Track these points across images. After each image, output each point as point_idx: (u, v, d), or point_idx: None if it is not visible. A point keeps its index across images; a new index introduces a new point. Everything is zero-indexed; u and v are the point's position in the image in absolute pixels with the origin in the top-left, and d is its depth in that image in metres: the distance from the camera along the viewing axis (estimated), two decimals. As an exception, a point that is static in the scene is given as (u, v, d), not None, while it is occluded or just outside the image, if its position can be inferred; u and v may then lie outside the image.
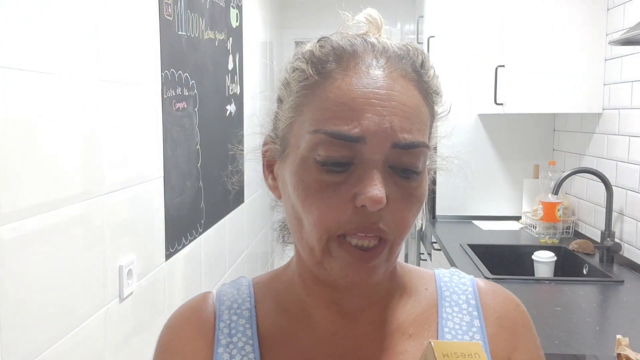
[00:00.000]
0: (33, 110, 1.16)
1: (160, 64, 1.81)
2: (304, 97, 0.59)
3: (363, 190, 0.55)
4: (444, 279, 0.72)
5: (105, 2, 1.44)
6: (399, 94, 0.57)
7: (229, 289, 0.70)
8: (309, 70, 0.59)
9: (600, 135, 2.58)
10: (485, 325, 0.67)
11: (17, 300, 1.10)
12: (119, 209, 1.54)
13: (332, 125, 0.56)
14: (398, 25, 4.52)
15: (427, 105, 0.61)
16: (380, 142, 0.55)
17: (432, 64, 0.64)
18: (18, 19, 1.10)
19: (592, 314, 1.77)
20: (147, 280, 1.71)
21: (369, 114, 0.55)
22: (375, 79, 0.57)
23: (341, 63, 0.58)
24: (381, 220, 0.56)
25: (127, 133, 1.58)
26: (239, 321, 0.66)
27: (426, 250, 3.40)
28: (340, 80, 0.57)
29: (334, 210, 0.56)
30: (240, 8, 2.88)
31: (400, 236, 0.58)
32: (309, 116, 0.58)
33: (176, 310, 0.69)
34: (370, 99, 0.56)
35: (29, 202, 1.14)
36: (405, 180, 0.57)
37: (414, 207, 0.58)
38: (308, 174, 0.57)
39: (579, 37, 2.61)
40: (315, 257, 0.58)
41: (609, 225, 2.34)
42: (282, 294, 0.68)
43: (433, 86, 0.63)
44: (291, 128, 0.60)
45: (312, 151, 0.57)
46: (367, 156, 0.56)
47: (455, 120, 3.45)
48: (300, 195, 0.57)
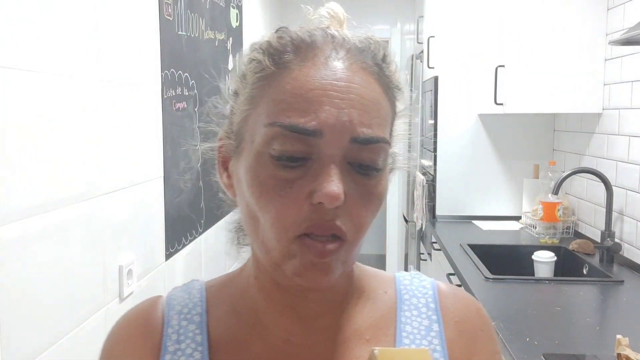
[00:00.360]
0: (33, 110, 1.16)
1: (160, 64, 1.81)
2: (260, 88, 0.56)
3: (320, 186, 0.52)
4: (404, 282, 0.69)
5: (105, 2, 1.44)
6: (359, 87, 0.55)
7: (179, 293, 0.67)
8: (266, 61, 0.56)
9: (600, 135, 2.58)
10: (445, 329, 0.65)
11: (17, 300, 1.10)
12: (119, 209, 1.54)
13: (287, 118, 0.53)
14: (398, 25, 4.52)
15: (388, 100, 0.59)
16: (338, 136, 0.53)
17: (394, 58, 0.62)
18: (18, 19, 1.10)
19: (592, 314, 1.77)
20: (147, 280, 1.71)
21: (327, 106, 0.53)
22: (334, 70, 0.55)
23: (299, 54, 0.56)
24: (338, 218, 0.53)
25: (127, 133, 1.59)
26: (188, 327, 0.63)
27: (426, 250, 3.40)
28: (298, 71, 0.55)
29: (290, 208, 0.53)
30: (240, 8, 2.88)
31: (357, 235, 0.56)
32: (264, 108, 0.55)
33: (123, 316, 0.66)
34: (329, 90, 0.54)
35: (29, 202, 1.14)
36: (364, 177, 0.55)
37: (372, 206, 0.56)
38: (263, 170, 0.54)
39: (579, 37, 2.61)
40: (273, 258, 0.56)
41: (609, 225, 2.34)
42: (236, 299, 0.65)
43: (394, 81, 0.60)
44: (246, 122, 0.58)
45: (267, 145, 0.54)
46: (324, 151, 0.53)
47: (456, 120, 3.46)
48: (255, 192, 0.55)
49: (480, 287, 1.99)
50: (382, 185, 0.57)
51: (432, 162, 3.27)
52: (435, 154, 3.23)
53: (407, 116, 0.65)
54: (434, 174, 3.25)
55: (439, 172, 3.23)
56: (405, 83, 0.63)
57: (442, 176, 3.23)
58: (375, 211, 0.57)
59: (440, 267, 2.88)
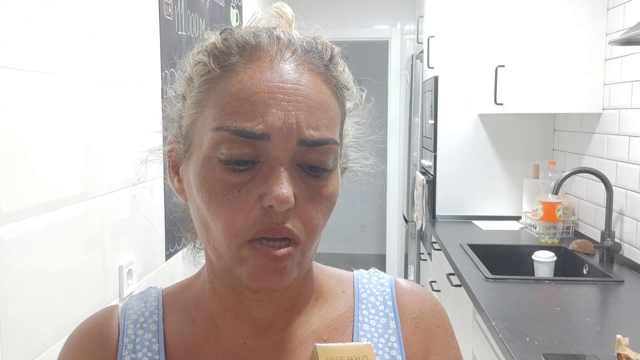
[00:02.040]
0: (33, 110, 1.16)
1: (160, 63, 1.81)
2: (206, 92, 0.56)
3: (269, 189, 0.52)
4: (362, 280, 0.69)
5: (105, 2, 1.44)
6: (305, 88, 0.54)
7: (135, 302, 0.67)
8: (211, 63, 0.56)
9: (600, 135, 2.58)
10: (402, 326, 0.65)
11: (17, 300, 1.10)
12: (119, 209, 1.54)
13: (233, 122, 0.52)
14: (398, 25, 4.52)
15: (337, 101, 0.58)
16: (285, 139, 0.52)
17: (342, 58, 0.61)
18: (18, 19, 1.10)
19: (592, 314, 1.77)
20: (147, 280, 1.71)
21: (274, 109, 0.52)
22: (279, 72, 0.54)
23: (244, 56, 0.55)
24: (288, 220, 0.53)
25: (127, 133, 1.58)
26: (144, 335, 0.63)
27: (426, 250, 3.40)
28: (243, 73, 0.54)
29: (240, 213, 0.53)
30: (240, 8, 2.88)
31: (310, 237, 0.55)
32: (210, 112, 0.55)
33: (78, 326, 0.66)
34: (275, 93, 0.53)
35: (29, 202, 1.14)
36: (314, 178, 0.55)
37: (323, 207, 0.56)
38: (211, 174, 0.54)
39: (579, 37, 2.61)
40: (225, 263, 0.56)
41: (609, 225, 2.34)
42: (192, 305, 0.64)
43: (342, 81, 0.60)
44: (194, 126, 0.57)
45: (215, 150, 0.53)
46: (272, 154, 0.53)
47: (456, 120, 3.46)
48: (205, 197, 0.54)
49: (480, 287, 1.99)
50: (332, 185, 0.57)
51: (432, 162, 3.27)
52: (435, 154, 3.23)
53: (358, 115, 0.64)
54: (434, 174, 3.25)
55: (439, 172, 3.23)
56: (353, 82, 0.62)
57: (442, 176, 3.23)
58: (327, 212, 0.56)
59: (440, 267, 2.88)
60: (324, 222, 0.56)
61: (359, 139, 0.65)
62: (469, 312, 2.12)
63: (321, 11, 4.39)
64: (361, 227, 6.16)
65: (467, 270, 2.20)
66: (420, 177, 3.37)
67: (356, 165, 0.66)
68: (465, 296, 2.10)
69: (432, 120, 3.25)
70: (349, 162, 0.65)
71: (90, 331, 0.64)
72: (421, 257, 3.57)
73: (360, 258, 6.04)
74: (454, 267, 2.32)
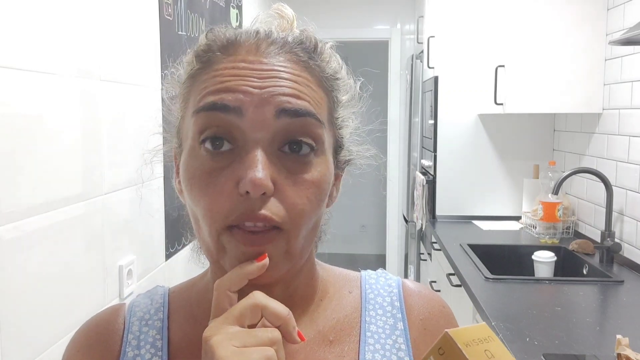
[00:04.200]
0: (33, 110, 1.16)
1: (160, 64, 1.81)
2: (189, 87, 0.58)
3: (244, 173, 0.51)
4: (370, 281, 0.68)
5: (105, 2, 1.44)
6: (283, 73, 0.54)
7: (142, 300, 0.67)
8: (193, 61, 0.58)
9: (600, 135, 2.58)
10: (409, 327, 0.64)
11: (17, 300, 1.10)
12: (119, 209, 1.54)
13: (206, 101, 0.53)
14: (398, 25, 4.52)
15: (322, 90, 0.57)
16: (260, 112, 0.52)
17: (328, 49, 0.60)
18: (18, 19, 1.10)
19: (592, 314, 1.77)
20: (147, 280, 1.71)
21: (245, 86, 0.52)
22: (257, 62, 0.54)
23: (223, 50, 0.56)
24: (267, 207, 0.51)
25: (127, 133, 1.58)
26: (149, 332, 0.63)
27: (426, 250, 3.40)
28: (220, 64, 0.55)
29: (218, 199, 0.52)
30: (240, 8, 2.88)
31: (296, 225, 0.53)
32: (191, 102, 0.56)
33: (84, 323, 0.66)
34: (249, 76, 0.53)
35: (29, 202, 1.14)
36: (298, 163, 0.53)
37: (309, 192, 0.53)
38: (194, 163, 0.54)
39: (579, 37, 2.61)
40: (212, 254, 0.55)
41: (609, 225, 2.34)
42: (195, 303, 0.65)
43: (329, 70, 0.59)
44: (183, 121, 0.58)
45: (196, 136, 0.54)
46: (249, 135, 0.52)
47: (456, 120, 3.45)
48: (187, 186, 0.54)
49: (480, 287, 1.99)
50: (319, 171, 0.55)
51: (432, 162, 3.27)
52: (435, 154, 3.23)
53: (354, 106, 0.63)
54: (434, 174, 3.25)
55: (439, 172, 3.23)
56: (346, 73, 0.62)
57: (442, 176, 3.23)
58: (314, 198, 0.54)
59: (440, 267, 2.88)
60: (312, 209, 0.54)
61: (358, 130, 0.64)
62: (469, 312, 2.12)
63: (321, 11, 4.39)
64: (361, 227, 6.16)
65: (467, 270, 2.20)
66: (420, 177, 3.37)
67: (358, 158, 0.65)
68: (465, 296, 2.10)
69: (432, 120, 3.25)
70: (351, 155, 0.64)
71: (95, 327, 0.65)
72: (421, 257, 3.57)
73: (360, 258, 6.04)
74: (454, 267, 2.32)
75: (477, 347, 0.45)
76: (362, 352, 0.61)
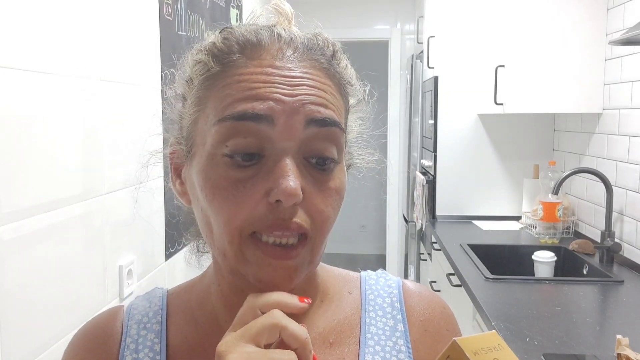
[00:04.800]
0: (33, 110, 1.15)
1: (160, 63, 1.81)
2: (206, 89, 0.55)
3: (276, 183, 0.50)
4: (370, 282, 0.68)
5: (105, 2, 1.44)
6: (311, 81, 0.53)
7: (141, 302, 0.66)
8: (211, 62, 0.55)
9: (600, 135, 2.58)
10: (409, 329, 0.64)
11: (17, 300, 1.10)
12: (119, 209, 1.54)
13: (234, 109, 0.51)
14: (398, 25, 4.52)
15: (341, 96, 0.57)
16: (291, 122, 0.51)
17: (344, 54, 0.60)
18: (18, 19, 1.10)
19: (592, 314, 1.77)
20: (147, 280, 1.71)
21: (277, 94, 0.51)
22: (282, 68, 0.53)
23: (245, 53, 0.54)
24: (297, 215, 0.51)
25: (127, 133, 1.58)
26: (147, 336, 0.62)
27: (426, 250, 3.40)
28: (244, 67, 0.53)
29: (244, 209, 0.51)
30: (240, 8, 2.88)
31: (321, 233, 0.54)
32: (212, 108, 0.53)
33: (83, 326, 0.66)
34: (277, 83, 0.52)
35: (29, 202, 1.14)
36: (321, 171, 0.53)
37: (332, 200, 0.54)
38: (215, 171, 0.52)
39: (579, 37, 2.61)
40: (229, 262, 0.54)
41: (609, 225, 2.34)
42: (195, 306, 0.64)
43: (346, 76, 0.59)
44: (195, 125, 0.56)
45: (219, 145, 0.52)
46: (278, 144, 0.51)
47: (456, 120, 3.45)
48: (208, 195, 0.53)
49: (480, 287, 1.99)
50: (339, 179, 0.55)
51: (432, 162, 3.27)
52: (435, 154, 3.23)
53: (362, 111, 0.63)
54: (434, 174, 3.25)
55: (439, 172, 3.23)
56: (355, 78, 0.61)
57: (442, 176, 3.23)
58: (336, 206, 0.55)
59: (440, 267, 2.88)
60: (334, 216, 0.55)
61: (363, 135, 0.64)
62: (469, 312, 2.12)
63: (321, 11, 4.38)
64: (361, 227, 6.16)
65: (467, 270, 2.20)
66: (420, 177, 3.37)
67: (361, 162, 0.65)
68: (465, 296, 2.10)
69: (432, 120, 3.25)
70: (354, 159, 0.64)
71: (94, 330, 0.64)
72: (421, 257, 3.57)
73: (360, 258, 6.04)
74: (454, 267, 2.32)
75: (486, 355, 0.44)
76: (362, 354, 0.61)
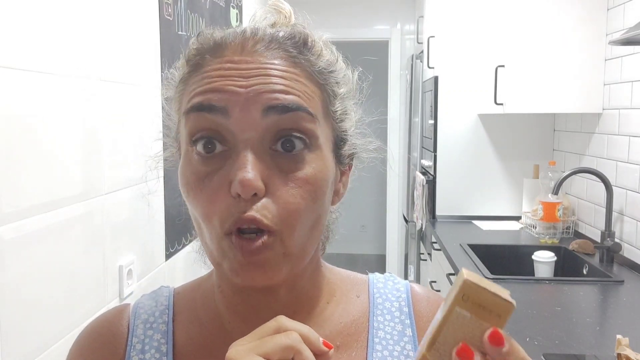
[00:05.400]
0: (33, 110, 1.15)
1: (160, 63, 1.81)
2: (181, 91, 0.57)
3: (233, 175, 0.50)
4: (378, 285, 0.67)
5: (105, 2, 1.44)
6: (270, 71, 0.53)
7: (147, 301, 0.65)
8: (184, 65, 0.58)
9: (600, 135, 2.58)
10: (417, 334, 0.63)
11: (17, 300, 1.10)
12: (119, 209, 1.54)
13: (192, 102, 0.53)
14: (398, 25, 4.52)
15: (314, 83, 0.56)
16: (246, 113, 0.51)
17: (320, 42, 0.58)
18: (18, 19, 1.10)
19: (592, 314, 1.77)
20: (147, 280, 1.71)
21: (231, 86, 0.52)
22: (244, 61, 0.53)
23: (212, 52, 0.56)
24: (256, 208, 0.50)
25: (127, 133, 1.58)
26: (154, 336, 0.61)
27: (426, 250, 3.40)
28: (208, 66, 0.55)
29: (213, 203, 0.51)
30: (240, 8, 2.88)
31: (290, 225, 0.51)
32: (183, 108, 0.55)
33: (88, 325, 0.65)
34: (235, 77, 0.52)
35: (29, 202, 1.14)
36: (292, 162, 0.52)
37: (302, 190, 0.52)
38: (187, 168, 0.54)
39: (579, 37, 2.61)
40: (214, 258, 0.54)
41: (609, 225, 2.34)
42: (200, 305, 0.63)
43: (322, 63, 0.57)
44: (179, 127, 0.58)
45: (189, 139, 0.53)
46: (238, 136, 0.51)
47: (456, 120, 3.45)
48: (184, 191, 0.54)
49: (480, 287, 1.99)
50: (313, 167, 0.53)
51: (432, 162, 3.27)
52: (435, 154, 3.23)
53: (354, 98, 0.62)
54: (434, 174, 3.25)
55: (439, 172, 3.23)
56: (344, 65, 0.61)
57: (442, 176, 3.23)
58: (307, 196, 0.52)
59: (440, 267, 2.88)
60: (307, 207, 0.52)
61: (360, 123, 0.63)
62: (469, 312, 2.11)
63: (321, 11, 4.39)
64: (361, 227, 6.16)
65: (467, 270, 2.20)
66: (420, 177, 3.37)
67: (363, 152, 0.64)
68: (465, 296, 2.10)
69: (432, 120, 3.25)
70: (355, 149, 0.63)
71: (99, 330, 0.64)
72: (421, 257, 3.57)
73: (360, 258, 6.04)
74: (454, 267, 2.32)
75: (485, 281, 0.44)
76: (370, 359, 0.61)
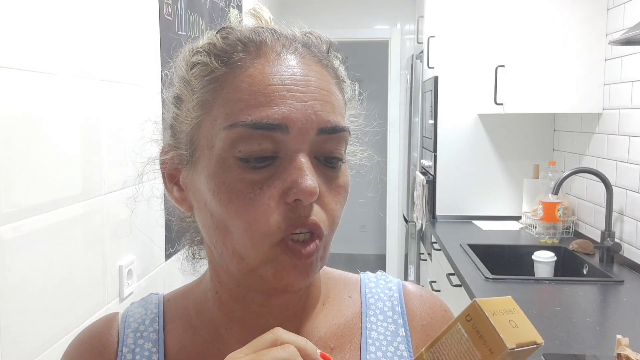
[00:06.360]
0: (33, 110, 1.15)
1: (160, 64, 1.81)
2: (212, 92, 0.53)
3: (294, 183, 0.50)
4: (370, 285, 0.66)
5: (105, 2, 1.44)
6: (316, 80, 0.54)
7: (136, 309, 0.65)
8: (213, 62, 0.54)
9: (600, 135, 2.58)
10: (411, 334, 0.63)
11: (17, 300, 1.10)
12: (119, 209, 1.54)
13: (248, 116, 0.51)
14: (398, 25, 4.52)
15: (340, 91, 0.58)
16: (304, 129, 0.51)
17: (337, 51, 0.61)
18: (18, 19, 1.10)
19: (592, 314, 1.77)
20: (147, 280, 1.71)
21: (289, 100, 0.51)
22: (288, 65, 0.53)
23: (249, 52, 0.54)
24: (313, 213, 0.51)
25: (127, 133, 1.58)
26: (144, 345, 0.61)
27: (426, 250, 3.40)
28: (252, 68, 0.52)
29: (264, 211, 0.50)
30: (240, 8, 2.88)
31: (332, 230, 0.54)
32: (220, 111, 0.52)
33: (77, 335, 0.64)
34: (288, 85, 0.52)
35: (29, 202, 1.14)
36: (331, 170, 0.54)
37: (341, 198, 0.55)
38: (229, 175, 0.51)
39: (579, 37, 2.61)
40: (248, 265, 0.53)
41: (609, 225, 2.34)
42: (192, 313, 0.62)
43: (340, 72, 0.60)
44: (199, 129, 0.54)
45: (231, 149, 0.51)
46: (291, 147, 0.51)
47: (456, 120, 3.45)
48: (223, 199, 0.52)
49: (480, 287, 1.99)
50: (346, 176, 0.57)
51: (432, 162, 3.27)
52: (435, 154, 3.24)
53: (353, 108, 0.64)
54: (434, 174, 3.25)
55: (439, 172, 3.23)
56: (345, 75, 0.62)
57: (442, 176, 3.23)
58: (343, 203, 0.56)
59: (440, 267, 2.88)
60: (342, 213, 0.56)
61: (356, 132, 0.64)
62: (469, 312, 2.11)
63: (321, 11, 4.39)
64: (361, 227, 6.16)
65: (467, 270, 2.20)
66: (420, 177, 3.37)
67: (354, 159, 0.65)
68: (465, 296, 2.10)
69: (432, 120, 3.25)
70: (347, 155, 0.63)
71: (89, 340, 0.63)
72: (421, 257, 3.57)
73: (360, 258, 6.04)
74: (454, 267, 2.32)
75: (503, 316, 0.46)
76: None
